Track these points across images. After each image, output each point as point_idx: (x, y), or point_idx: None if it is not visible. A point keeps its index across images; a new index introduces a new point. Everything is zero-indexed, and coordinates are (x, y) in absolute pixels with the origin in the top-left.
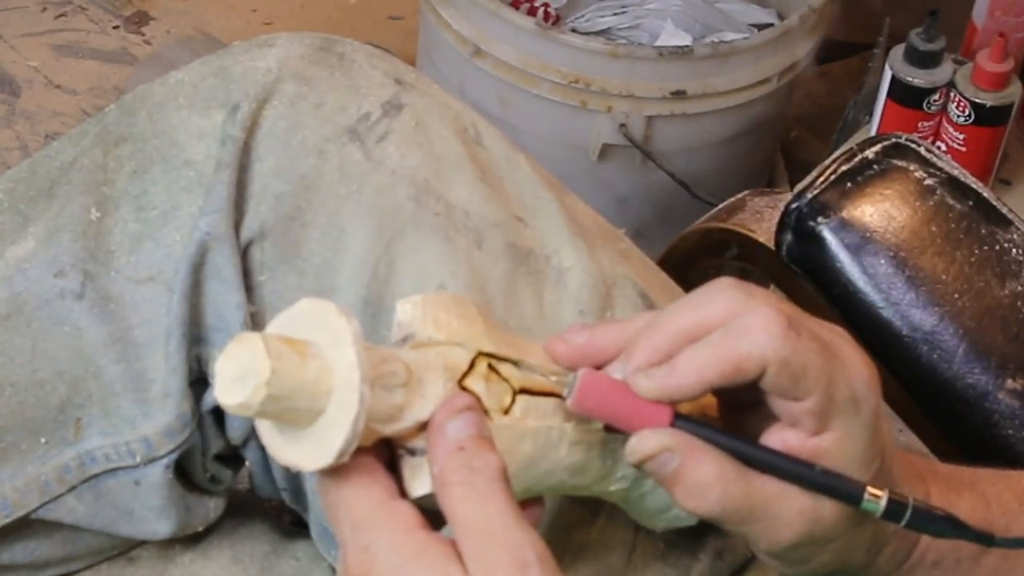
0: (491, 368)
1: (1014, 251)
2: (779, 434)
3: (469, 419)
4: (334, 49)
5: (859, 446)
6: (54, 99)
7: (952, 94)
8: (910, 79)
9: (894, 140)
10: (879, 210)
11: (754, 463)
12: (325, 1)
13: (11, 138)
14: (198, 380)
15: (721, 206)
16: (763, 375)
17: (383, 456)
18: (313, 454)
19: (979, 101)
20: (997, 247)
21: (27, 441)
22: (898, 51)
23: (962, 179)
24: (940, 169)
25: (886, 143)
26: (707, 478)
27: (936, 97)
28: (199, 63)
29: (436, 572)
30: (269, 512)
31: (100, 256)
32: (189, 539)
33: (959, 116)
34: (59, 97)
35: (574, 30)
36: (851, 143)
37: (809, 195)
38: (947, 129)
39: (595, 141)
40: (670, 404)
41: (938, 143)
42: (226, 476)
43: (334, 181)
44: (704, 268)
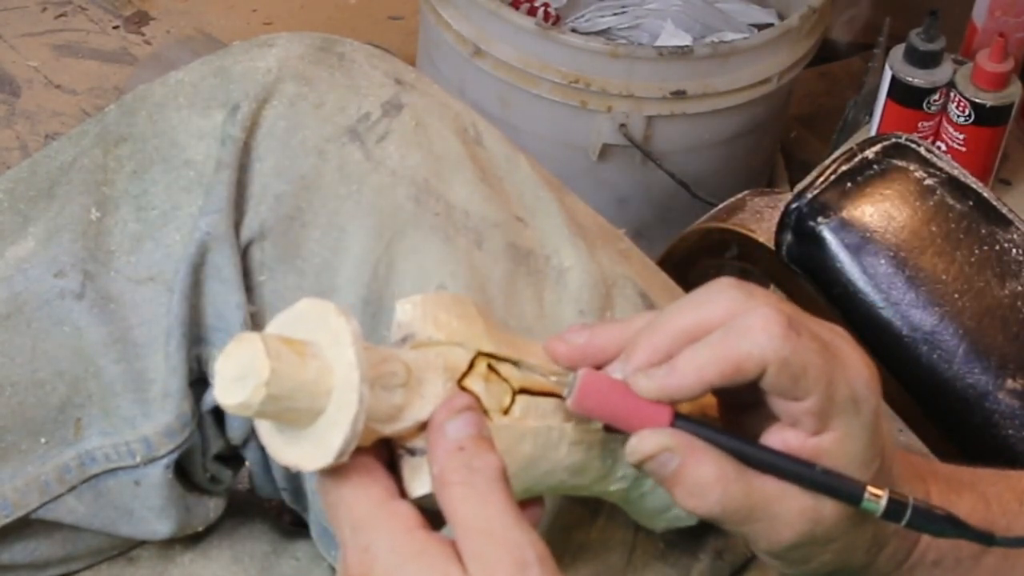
0: (491, 368)
1: (1014, 251)
2: (779, 434)
3: (469, 419)
4: (334, 49)
5: (859, 446)
6: (54, 99)
7: (952, 94)
8: (910, 79)
9: (894, 140)
10: (879, 210)
11: (754, 463)
12: (325, 1)
13: (11, 138)
14: (198, 380)
15: (721, 206)
16: (763, 375)
17: (383, 456)
18: (313, 454)
19: (979, 101)
20: (997, 247)
21: (27, 441)
22: (898, 51)
23: (962, 179)
24: (940, 169)
25: (886, 143)
26: (707, 478)
27: (936, 97)
28: (199, 63)
29: (436, 572)
30: (269, 512)
31: (100, 256)
32: (189, 539)
33: (959, 116)
34: (59, 97)
35: (574, 30)
36: (851, 143)
37: (809, 195)
38: (947, 129)
39: (595, 141)
40: (670, 404)
41: (938, 143)
42: (226, 476)
43: (334, 181)
44: (704, 268)
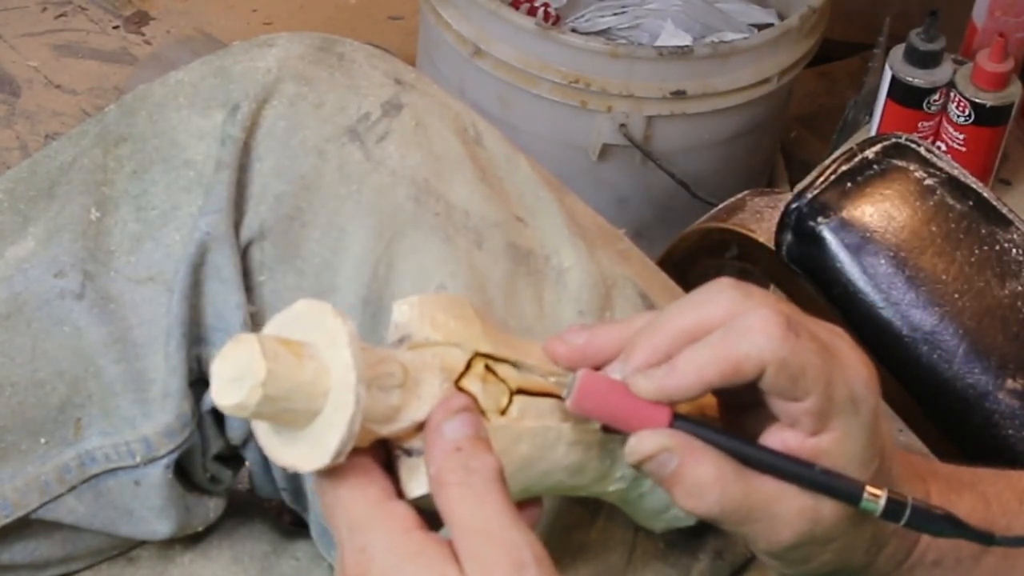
0: (488, 369)
1: (1014, 251)
2: (778, 434)
3: (466, 419)
4: (334, 49)
5: (858, 446)
6: (54, 99)
7: (952, 94)
8: (910, 79)
9: (894, 140)
10: (879, 210)
11: (753, 463)
12: (325, 1)
13: (11, 138)
14: (198, 380)
15: (721, 206)
16: (762, 376)
17: (380, 457)
18: (310, 455)
19: (979, 101)
20: (997, 247)
21: (27, 441)
22: (898, 51)
23: (962, 179)
24: (940, 169)
25: (886, 143)
26: (706, 478)
27: (936, 97)
28: (199, 63)
29: (433, 572)
30: (269, 512)
31: (100, 256)
32: (189, 539)
33: (959, 116)
34: (59, 97)
35: (574, 30)
36: (851, 143)
37: (809, 195)
38: (947, 129)
39: (595, 141)
40: (669, 404)
41: (938, 143)
42: (226, 476)
43: (334, 181)
44: (704, 268)
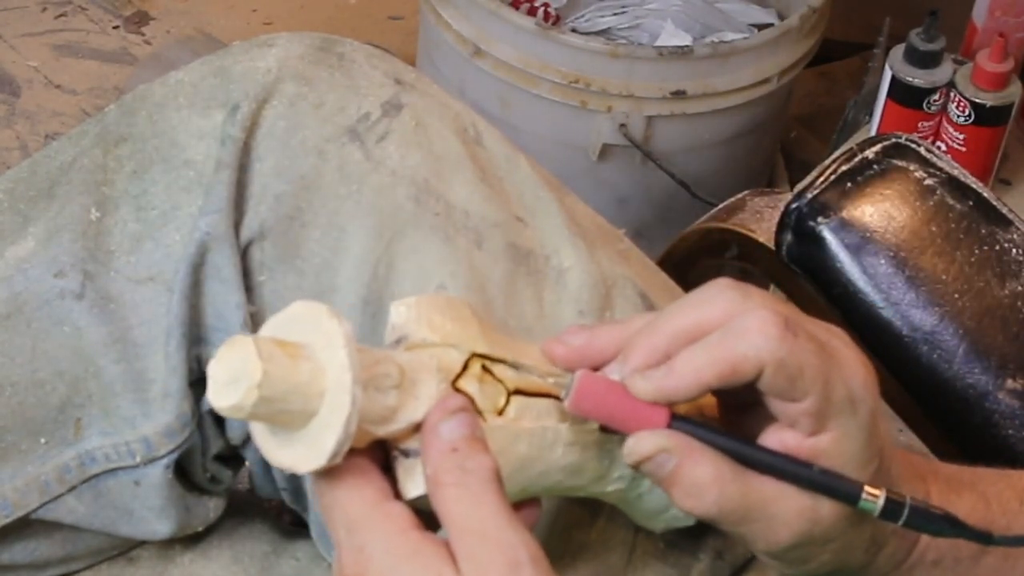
0: (485, 369)
1: (1014, 251)
2: (777, 434)
3: (462, 420)
4: (334, 49)
5: (856, 446)
6: (54, 99)
7: (952, 94)
8: (910, 79)
9: (894, 140)
10: (879, 210)
11: (752, 463)
12: (325, 1)
13: (11, 138)
14: (198, 380)
15: (721, 206)
16: (760, 376)
17: (377, 458)
18: (306, 456)
19: (979, 101)
20: (997, 247)
21: (27, 441)
22: (898, 51)
23: (962, 179)
24: (940, 169)
25: (886, 143)
26: (704, 478)
27: (936, 97)
28: (199, 63)
29: (429, 572)
30: (269, 512)
31: (100, 256)
32: (189, 539)
33: (959, 116)
34: (59, 97)
35: (574, 30)
36: (851, 143)
37: (809, 195)
38: (947, 129)
39: (595, 141)
40: (667, 405)
41: (938, 143)
42: (226, 476)
43: (334, 181)
44: (704, 268)
